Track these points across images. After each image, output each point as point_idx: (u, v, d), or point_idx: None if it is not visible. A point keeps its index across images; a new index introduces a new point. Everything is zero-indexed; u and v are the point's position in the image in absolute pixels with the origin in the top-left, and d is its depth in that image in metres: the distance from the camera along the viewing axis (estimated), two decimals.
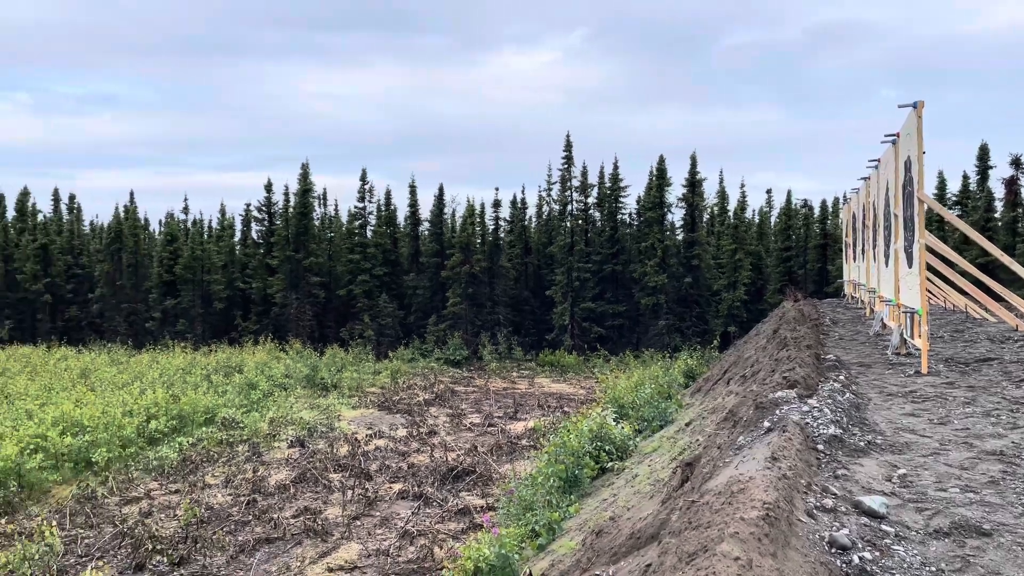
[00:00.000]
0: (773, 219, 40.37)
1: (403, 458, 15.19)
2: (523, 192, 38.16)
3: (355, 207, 36.51)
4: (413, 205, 36.83)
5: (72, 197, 42.13)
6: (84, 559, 10.05)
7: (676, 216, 33.58)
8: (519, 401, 21.76)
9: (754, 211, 42.29)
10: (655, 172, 33.30)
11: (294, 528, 11.03)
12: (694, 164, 32.90)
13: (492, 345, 31.47)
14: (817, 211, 34.55)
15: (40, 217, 40.26)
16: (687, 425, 10.44)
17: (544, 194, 36.98)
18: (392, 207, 36.95)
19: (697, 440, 8.63)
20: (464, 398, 22.57)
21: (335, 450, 15.71)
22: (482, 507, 11.78)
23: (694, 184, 32.95)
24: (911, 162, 8.84)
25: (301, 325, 33.90)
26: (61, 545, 9.99)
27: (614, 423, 10.89)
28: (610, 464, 9.94)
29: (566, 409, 20.23)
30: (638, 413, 12.54)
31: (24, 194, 40.19)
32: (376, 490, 12.85)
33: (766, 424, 5.34)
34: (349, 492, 12.73)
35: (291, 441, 16.56)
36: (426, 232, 36.47)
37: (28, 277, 36.65)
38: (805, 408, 5.76)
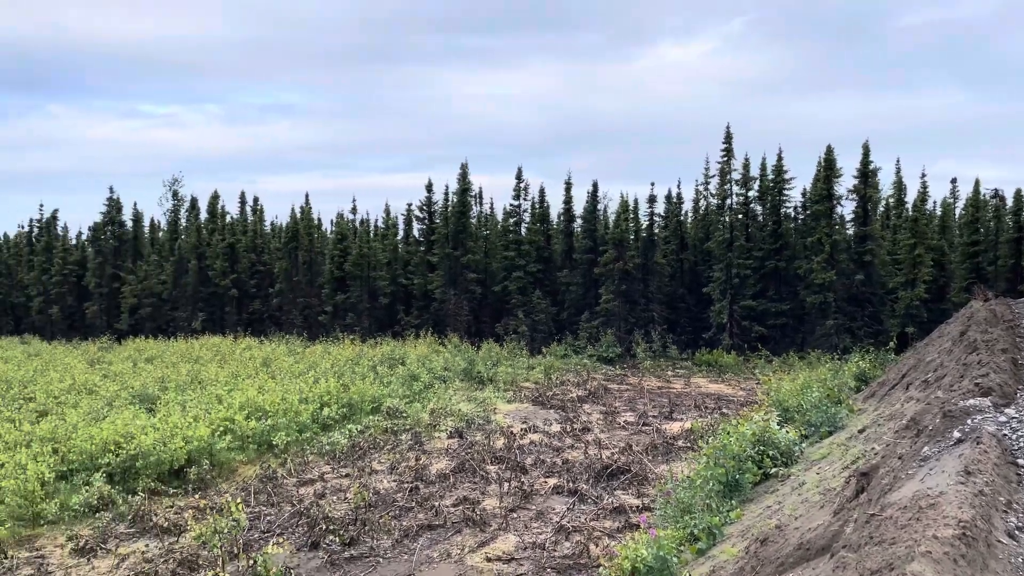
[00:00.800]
0: (958, 211, 36.95)
1: (557, 453, 15.29)
2: (679, 187, 37.23)
3: (510, 205, 37.20)
4: (567, 202, 36.98)
5: (256, 200, 45.77)
6: (266, 534, 10.89)
7: (846, 209, 31.54)
8: (674, 401, 21.30)
9: (935, 203, 38.90)
10: (823, 163, 31.43)
11: (454, 516, 11.39)
12: (866, 153, 30.77)
13: (646, 343, 31.00)
14: (1010, 202, 31.25)
15: (228, 218, 44.02)
16: (860, 432, 9.79)
17: (701, 188, 35.94)
18: (546, 204, 37.31)
19: (873, 449, 8.06)
20: (617, 396, 22.39)
21: (492, 442, 16.08)
22: (637, 507, 11.63)
23: (866, 174, 30.81)
24: None
25: (459, 320, 34.98)
26: (246, 521, 10.87)
27: (778, 427, 10.39)
28: (774, 470, 9.51)
29: (725, 411, 19.56)
30: (804, 417, 11.91)
31: (215, 198, 44.14)
32: (531, 484, 13.02)
33: (956, 434, 4.89)
34: (506, 484, 12.98)
35: (450, 432, 17.13)
36: (579, 229, 36.49)
37: (218, 273, 40.25)
38: (1002, 418, 5.22)
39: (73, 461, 13.10)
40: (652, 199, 35.72)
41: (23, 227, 48.87)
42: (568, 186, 37.07)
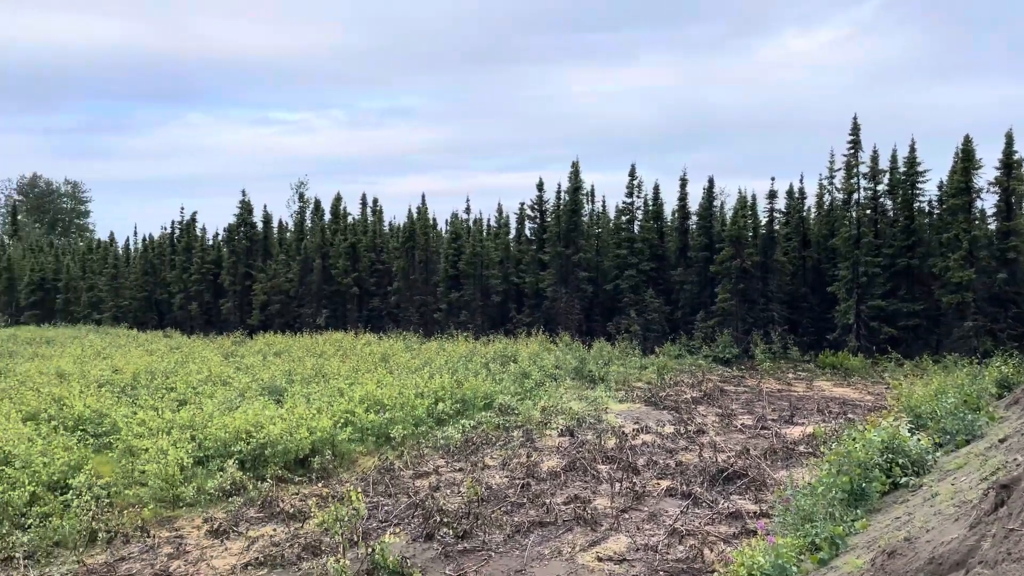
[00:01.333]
0: None
1: (670, 455, 15.03)
2: (801, 181, 35.53)
3: (623, 202, 36.81)
4: (682, 198, 36.21)
5: (375, 201, 47.39)
6: (384, 524, 11.27)
7: (987, 203, 29.31)
8: (795, 404, 20.48)
9: None
10: (960, 153, 29.33)
11: (565, 514, 11.41)
12: (1010, 142, 28.47)
13: (765, 344, 29.92)
14: None
15: (350, 219, 45.81)
16: (1001, 442, 9.09)
17: (825, 182, 34.31)
18: (659, 201, 36.66)
19: (1015, 460, 7.47)
20: (734, 398, 21.74)
21: (603, 442, 15.98)
22: (755, 513, 11.27)
23: (1009, 165, 28.50)
24: None
25: (570, 318, 34.96)
26: (365, 510, 11.28)
27: (909, 434, 9.80)
28: (904, 479, 8.97)
29: (850, 416, 18.63)
30: (938, 425, 11.18)
31: (337, 199, 46.03)
32: (644, 485, 12.85)
33: None
34: (617, 484, 12.87)
35: (561, 430, 17.15)
36: (695, 226, 35.66)
37: (340, 272, 41.98)
38: None
39: (209, 448, 14.01)
40: (772, 194, 34.44)
41: (166, 229, 52.65)
42: (683, 182, 36.33)
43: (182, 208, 63.22)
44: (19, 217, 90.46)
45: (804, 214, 34.80)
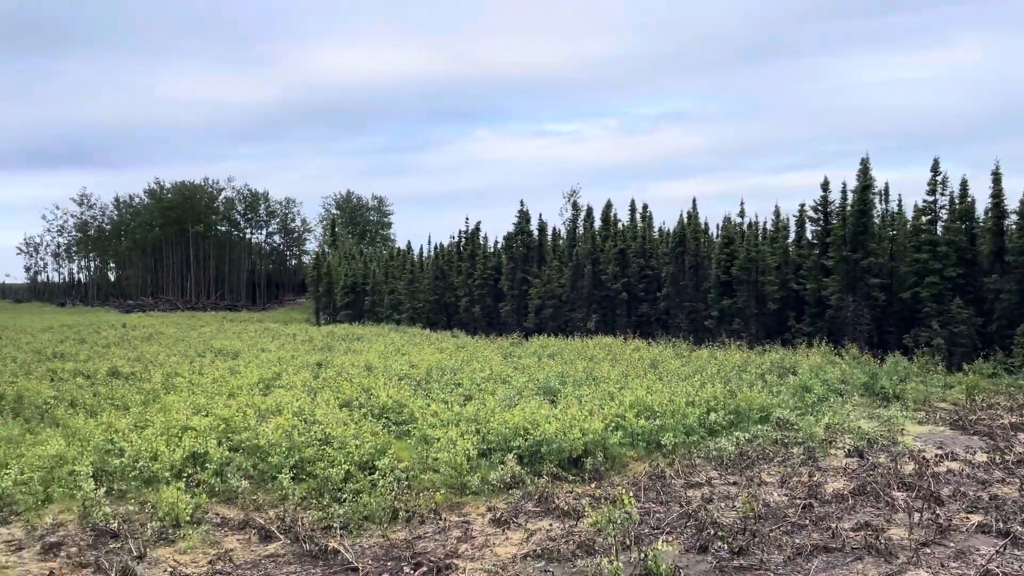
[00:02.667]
0: None
1: (982, 487, 13.17)
2: None
3: (923, 202, 33.01)
4: (996, 195, 31.55)
5: (645, 206, 47.47)
6: (655, 531, 11.22)
7: None
8: None
9: None
10: None
11: (853, 542, 10.49)
12: None
13: None
14: None
15: (619, 225, 46.39)
16: None
17: None
18: (969, 199, 32.32)
19: None
20: None
21: (898, 466, 14.45)
22: None
23: None
24: None
25: (858, 329, 32.13)
26: (637, 515, 11.31)
27: None
28: None
29: None
30: None
31: (608, 206, 46.86)
32: (949, 518, 11.40)
33: None
34: (916, 515, 11.56)
35: (848, 450, 15.82)
36: (1014, 226, 30.92)
37: (610, 277, 42.67)
38: None
39: (491, 441, 14.97)
40: None
41: (454, 238, 57.46)
42: (996, 177, 31.66)
43: (467, 218, 68.49)
44: (336, 229, 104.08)
45: None
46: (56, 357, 32.17)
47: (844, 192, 34.29)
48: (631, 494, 11.39)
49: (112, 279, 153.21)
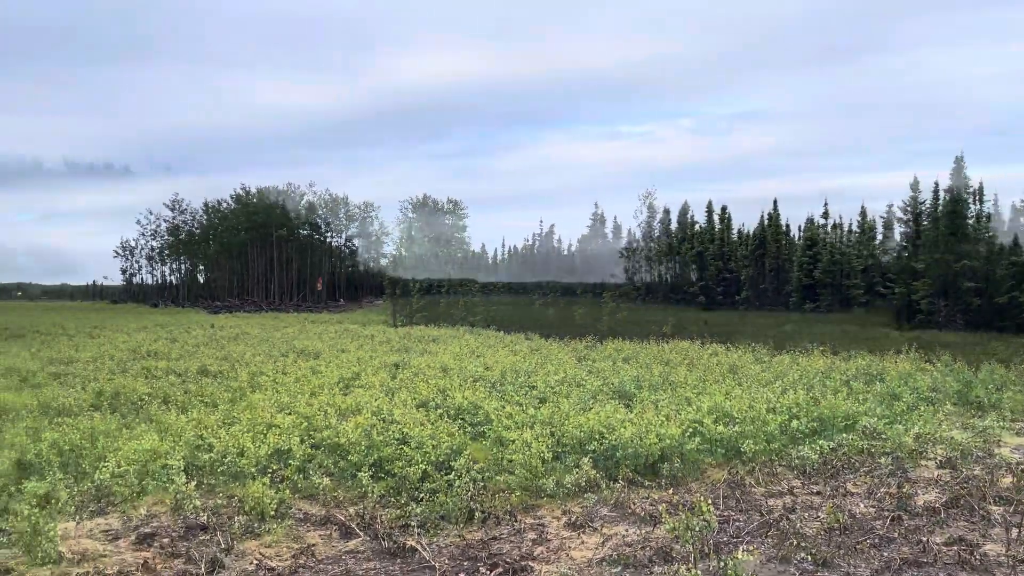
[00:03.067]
0: None
1: None
2: None
3: (1020, 201, 31.32)
4: None
5: (724, 208, 46.63)
6: (734, 540, 10.98)
7: None
8: None
9: None
10: None
11: (946, 557, 10.02)
12: None
13: None
14: None
15: (696, 227, 45.64)
16: None
17: None
18: None
19: None
20: None
21: (995, 479, 13.72)
22: None
23: None
24: None
25: (952, 334, 30.67)
26: (716, 523, 11.09)
27: None
28: None
29: None
30: None
31: (684, 208, 46.18)
32: None
33: None
34: (1015, 530, 10.96)
35: (940, 461, 15.11)
36: None
37: (687, 281, 41.95)
38: None
39: (566, 445, 14.94)
40: None
41: (527, 240, 57.67)
42: None
43: (540, 220, 68.56)
44: (412, 232, 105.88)
45: None
46: (150, 356, 33.77)
47: (935, 192, 32.88)
48: (709, 501, 11.17)
49: (201, 281, 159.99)
